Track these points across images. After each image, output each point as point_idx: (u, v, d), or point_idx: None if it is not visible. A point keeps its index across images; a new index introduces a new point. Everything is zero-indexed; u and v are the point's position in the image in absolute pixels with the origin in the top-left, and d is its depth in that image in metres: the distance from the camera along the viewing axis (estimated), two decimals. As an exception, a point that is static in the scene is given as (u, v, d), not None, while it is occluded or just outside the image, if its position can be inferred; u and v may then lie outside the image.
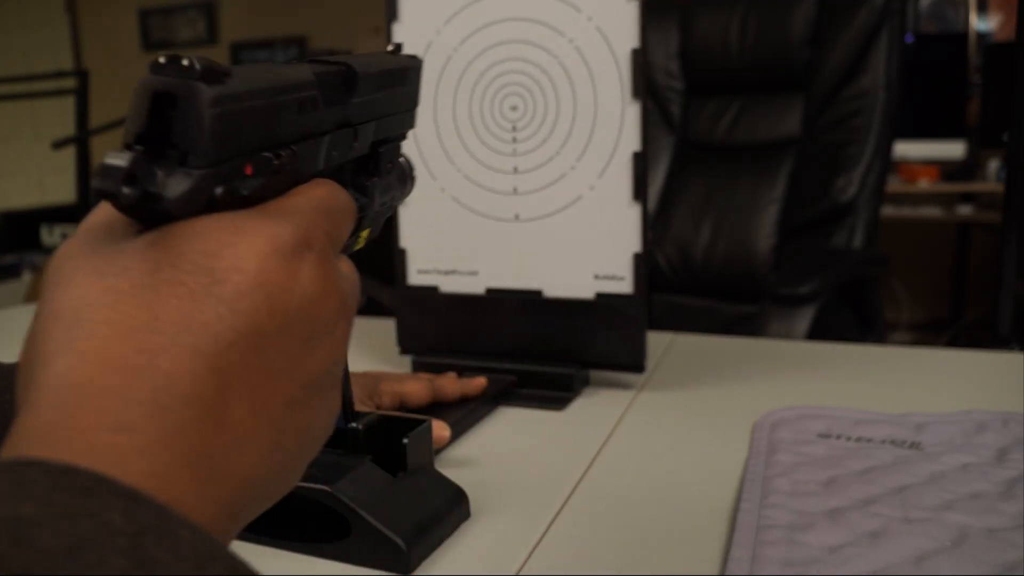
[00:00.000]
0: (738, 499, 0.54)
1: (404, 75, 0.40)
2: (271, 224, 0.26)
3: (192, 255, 0.24)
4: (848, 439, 0.62)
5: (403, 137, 0.41)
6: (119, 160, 0.24)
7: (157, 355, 0.22)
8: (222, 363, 0.23)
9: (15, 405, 0.43)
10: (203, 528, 0.21)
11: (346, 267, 0.30)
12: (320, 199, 0.29)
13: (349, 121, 0.35)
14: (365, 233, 0.40)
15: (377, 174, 0.39)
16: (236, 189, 0.27)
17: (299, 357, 0.26)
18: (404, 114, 0.41)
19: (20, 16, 5.21)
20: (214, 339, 0.23)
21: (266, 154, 0.28)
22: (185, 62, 0.25)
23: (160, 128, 0.25)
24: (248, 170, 0.27)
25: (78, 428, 0.21)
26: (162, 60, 0.25)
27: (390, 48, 0.41)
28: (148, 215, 0.25)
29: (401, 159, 0.42)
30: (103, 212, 0.27)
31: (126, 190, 0.24)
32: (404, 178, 0.43)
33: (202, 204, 0.26)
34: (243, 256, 0.25)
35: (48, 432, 0.21)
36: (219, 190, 0.26)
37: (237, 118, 0.26)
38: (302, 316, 0.26)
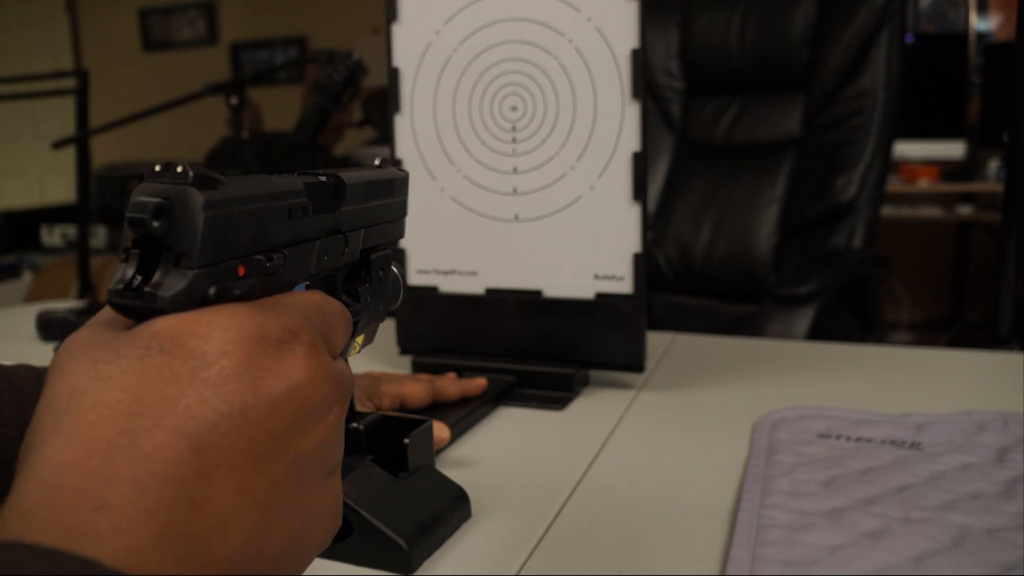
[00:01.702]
0: (738, 499, 0.54)
1: (391, 186, 0.42)
2: (261, 314, 0.27)
3: (181, 339, 0.25)
4: (848, 439, 0.62)
5: (394, 244, 0.43)
6: (118, 283, 0.27)
7: (138, 436, 0.23)
8: (204, 444, 0.24)
9: (14, 405, 0.43)
10: None
11: (340, 364, 0.30)
12: (312, 301, 0.30)
13: (339, 228, 0.37)
14: (360, 339, 0.41)
15: (369, 281, 0.41)
16: (229, 289, 0.28)
17: (286, 440, 0.26)
18: (392, 223, 0.42)
19: (20, 16, 5.21)
20: (196, 421, 0.24)
21: (258, 257, 0.29)
22: (179, 169, 0.27)
23: (156, 232, 0.26)
24: (240, 271, 0.29)
25: (61, 508, 0.22)
26: (158, 168, 0.27)
27: (377, 162, 0.42)
28: (145, 315, 0.26)
29: (393, 268, 0.44)
30: (109, 308, 0.28)
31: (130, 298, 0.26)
32: (396, 286, 0.45)
33: (196, 303, 0.27)
34: (232, 340, 0.25)
35: (33, 513, 0.22)
36: (212, 290, 0.27)
37: (229, 222, 0.28)
38: (289, 399, 0.26)
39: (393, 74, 0.80)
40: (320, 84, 1.53)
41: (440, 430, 0.62)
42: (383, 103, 2.08)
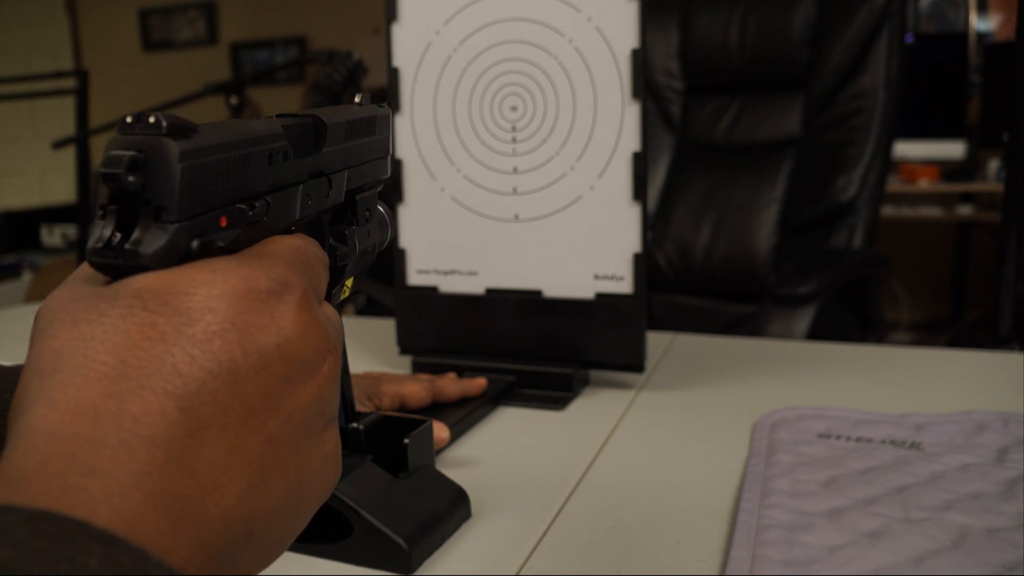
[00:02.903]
0: (738, 499, 0.54)
1: (372, 124, 0.41)
2: (247, 267, 0.26)
3: (165, 296, 0.24)
4: (848, 439, 0.62)
5: (379, 185, 0.42)
6: (97, 241, 0.26)
7: (125, 399, 0.23)
8: (193, 403, 0.23)
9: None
10: (180, 570, 0.21)
11: (329, 311, 0.30)
12: (296, 248, 0.29)
13: (322, 170, 0.36)
14: (349, 282, 0.41)
15: (355, 222, 0.40)
16: (212, 241, 0.27)
17: (279, 395, 0.25)
18: (376, 162, 0.41)
19: (20, 16, 5.21)
20: (184, 380, 0.23)
21: (240, 205, 0.28)
22: (152, 119, 0.26)
23: (132, 187, 0.25)
24: (223, 222, 0.28)
25: (50, 473, 0.21)
26: (129, 119, 0.26)
27: (358, 99, 0.41)
28: (126, 273, 0.25)
29: (379, 207, 0.43)
30: (87, 265, 0.27)
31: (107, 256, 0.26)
32: (383, 225, 0.43)
33: (179, 258, 0.26)
34: (217, 295, 0.25)
35: (23, 478, 0.21)
36: (195, 243, 0.26)
37: (207, 171, 0.27)
38: (280, 354, 0.26)
39: (393, 74, 0.80)
40: (320, 84, 1.53)
41: (440, 430, 0.62)
42: (383, 103, 2.08)
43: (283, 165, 0.32)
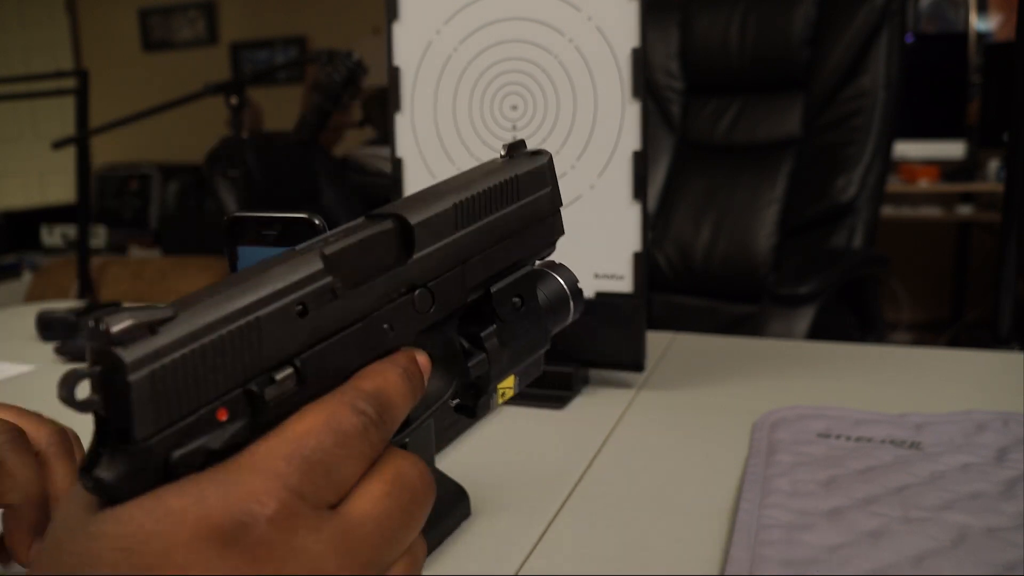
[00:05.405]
0: (738, 499, 0.54)
1: (513, 188, 0.32)
2: (208, 498, 0.22)
3: (110, 553, 0.22)
4: (848, 439, 0.62)
5: (538, 256, 0.34)
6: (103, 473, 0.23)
7: None
8: None
9: None
10: None
11: (339, 522, 0.24)
12: (299, 440, 0.24)
13: (413, 284, 0.28)
14: (510, 383, 0.34)
15: (497, 318, 0.32)
16: (202, 447, 0.23)
17: None
18: (529, 231, 0.33)
19: (20, 16, 5.21)
20: None
21: (251, 387, 0.24)
22: (102, 326, 0.22)
23: (89, 408, 0.22)
24: (222, 415, 0.23)
25: None
26: (91, 324, 0.22)
27: (503, 153, 0.33)
28: (102, 497, 0.23)
29: (547, 285, 0.35)
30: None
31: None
32: (557, 305, 0.35)
33: (151, 480, 0.22)
34: (165, 550, 0.22)
35: None
36: (176, 454, 0.23)
37: (178, 370, 0.22)
38: None
39: (393, 73, 0.80)
40: (320, 84, 1.53)
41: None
42: (383, 103, 2.08)
43: (332, 305, 0.26)
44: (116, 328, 0.21)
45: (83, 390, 0.22)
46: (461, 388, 0.32)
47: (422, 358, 0.29)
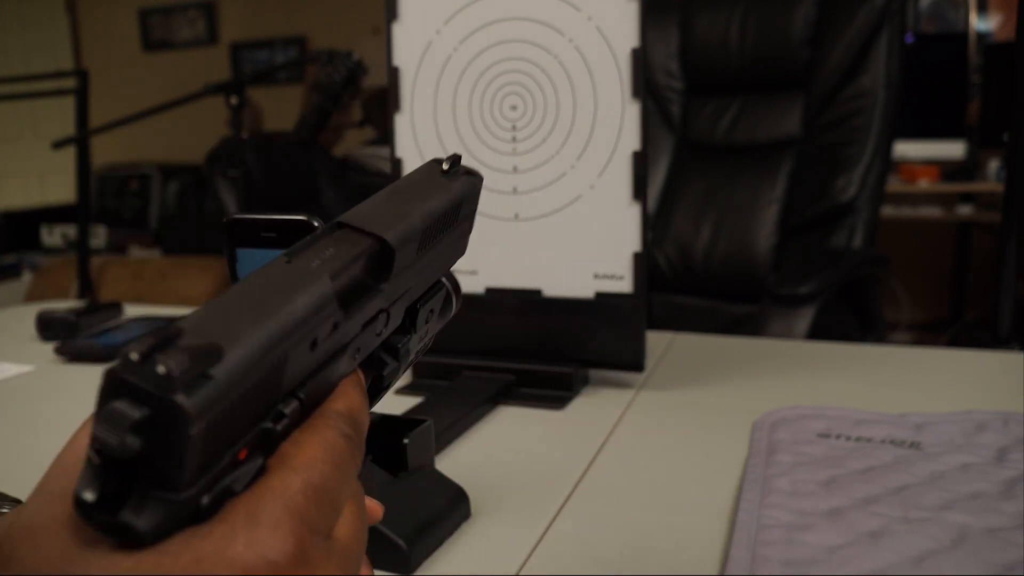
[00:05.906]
0: (738, 499, 0.54)
1: (456, 211, 0.32)
2: (230, 547, 0.22)
3: None
4: (848, 439, 0.62)
5: (445, 274, 0.35)
6: (88, 492, 0.21)
7: None
8: None
9: None
10: None
11: (345, 533, 0.25)
12: (307, 471, 0.24)
13: (381, 308, 0.29)
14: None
15: (414, 328, 0.33)
16: (227, 489, 0.22)
17: None
18: (448, 253, 0.33)
19: (20, 16, 5.22)
20: None
21: (266, 425, 0.24)
22: (161, 369, 0.20)
23: (130, 452, 0.20)
24: (242, 455, 0.23)
25: None
26: (134, 356, 0.20)
27: (445, 167, 0.33)
28: (117, 536, 0.22)
29: (442, 286, 0.35)
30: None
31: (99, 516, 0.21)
32: (449, 304, 0.37)
33: (180, 525, 0.22)
34: None
35: None
36: (205, 500, 0.22)
37: (228, 413, 0.21)
38: None
39: (393, 73, 0.80)
40: (320, 84, 1.52)
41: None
42: (383, 103, 2.08)
43: (332, 336, 0.26)
44: (177, 372, 0.20)
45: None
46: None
47: (361, 373, 0.30)
